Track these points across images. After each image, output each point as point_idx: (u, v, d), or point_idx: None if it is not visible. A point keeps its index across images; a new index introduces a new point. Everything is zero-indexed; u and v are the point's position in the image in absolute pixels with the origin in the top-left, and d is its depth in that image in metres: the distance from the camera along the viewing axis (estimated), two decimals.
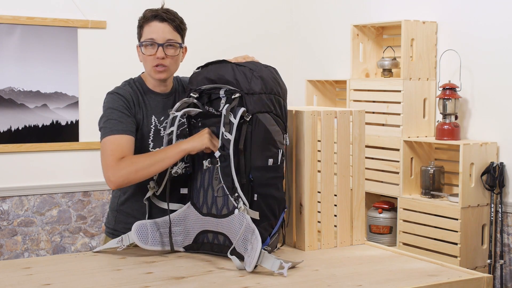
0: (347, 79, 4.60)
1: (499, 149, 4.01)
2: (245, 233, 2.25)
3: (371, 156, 4.35)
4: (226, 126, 2.26)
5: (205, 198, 2.38)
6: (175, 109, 2.38)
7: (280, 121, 2.37)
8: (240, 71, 2.33)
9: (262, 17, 5.43)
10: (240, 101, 2.29)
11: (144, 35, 2.53)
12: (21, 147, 4.61)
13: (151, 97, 2.57)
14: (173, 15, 2.55)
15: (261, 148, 2.31)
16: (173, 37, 2.53)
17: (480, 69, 4.09)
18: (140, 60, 2.59)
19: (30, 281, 2.11)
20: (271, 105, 2.33)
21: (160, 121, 2.55)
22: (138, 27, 2.57)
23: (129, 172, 2.37)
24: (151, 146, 2.53)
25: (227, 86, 2.33)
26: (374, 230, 4.39)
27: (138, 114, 2.52)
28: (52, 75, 4.67)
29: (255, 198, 2.30)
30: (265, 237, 2.30)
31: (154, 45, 2.51)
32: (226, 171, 2.28)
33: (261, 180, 2.31)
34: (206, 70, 2.42)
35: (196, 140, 2.35)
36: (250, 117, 2.28)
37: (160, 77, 2.54)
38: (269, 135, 2.32)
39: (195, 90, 2.40)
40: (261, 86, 2.31)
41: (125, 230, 2.54)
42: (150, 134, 2.53)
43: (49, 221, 4.74)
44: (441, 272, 2.25)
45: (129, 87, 2.56)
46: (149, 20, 2.53)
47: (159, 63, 2.51)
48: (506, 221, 3.95)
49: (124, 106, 2.49)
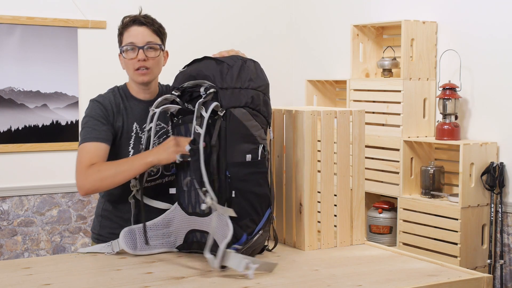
0: (347, 79, 4.60)
1: (499, 149, 4.01)
2: (224, 231, 2.23)
3: (371, 156, 4.35)
4: (198, 120, 2.23)
5: (189, 197, 2.37)
6: (155, 105, 2.37)
7: (260, 115, 2.33)
8: (217, 66, 2.32)
9: (262, 16, 5.43)
10: (215, 96, 2.27)
11: (124, 40, 2.54)
12: (21, 147, 4.61)
13: (134, 103, 2.57)
14: (151, 20, 2.57)
15: (237, 144, 2.27)
16: (153, 39, 2.53)
17: (480, 69, 4.09)
18: (123, 68, 2.60)
19: (30, 281, 2.11)
20: (247, 100, 2.29)
21: (142, 128, 2.54)
22: (118, 35, 2.57)
23: (95, 179, 2.38)
24: (131, 153, 2.52)
25: (205, 81, 2.31)
26: (374, 230, 4.39)
27: (118, 122, 2.52)
28: (52, 75, 4.67)
29: (233, 195, 2.26)
30: (240, 235, 2.25)
31: (135, 49, 2.51)
32: (196, 165, 2.24)
33: (238, 176, 2.26)
34: (190, 68, 2.41)
35: (162, 154, 2.34)
36: (224, 112, 2.25)
37: (143, 80, 2.54)
38: (246, 130, 2.28)
39: (177, 88, 2.39)
40: (235, 81, 2.29)
41: (110, 235, 2.56)
42: (130, 142, 2.53)
43: (49, 221, 4.74)
44: (441, 272, 2.25)
45: (112, 95, 2.57)
46: (128, 26, 2.54)
47: (140, 65, 2.51)
48: (506, 221, 3.95)
49: (100, 114, 2.50)
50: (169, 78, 2.64)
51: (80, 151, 2.46)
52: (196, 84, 2.34)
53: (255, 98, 2.32)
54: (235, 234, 2.22)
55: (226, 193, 2.26)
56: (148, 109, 2.53)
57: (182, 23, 5.11)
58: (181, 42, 5.07)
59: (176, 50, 5.02)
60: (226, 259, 2.15)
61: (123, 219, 2.55)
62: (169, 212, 2.43)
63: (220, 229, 2.25)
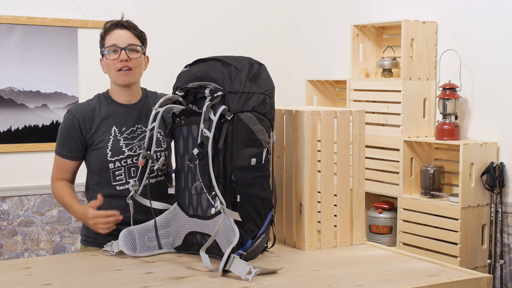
0: (347, 79, 4.60)
1: (499, 149, 4.01)
2: (228, 235, 2.23)
3: (371, 156, 4.35)
4: (206, 123, 2.22)
5: (190, 199, 2.37)
6: (158, 105, 2.37)
7: (265, 119, 2.34)
8: (225, 69, 2.30)
9: (261, 17, 5.43)
10: (222, 99, 2.26)
11: (106, 43, 2.56)
12: (21, 147, 4.61)
13: (114, 108, 2.59)
14: (133, 24, 2.61)
15: (243, 148, 2.27)
16: (134, 42, 2.56)
17: (480, 69, 4.09)
18: (104, 72, 2.62)
19: (30, 281, 2.11)
20: (254, 104, 2.30)
21: (121, 131, 2.56)
22: (100, 40, 2.60)
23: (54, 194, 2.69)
24: (109, 155, 2.54)
25: (212, 83, 2.29)
26: (374, 230, 4.39)
27: (92, 128, 2.56)
28: (52, 75, 4.67)
29: (238, 199, 2.26)
30: (246, 240, 2.26)
31: (117, 50, 2.54)
32: (204, 169, 2.24)
33: (244, 181, 2.27)
34: (194, 68, 2.40)
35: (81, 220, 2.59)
36: (231, 116, 2.25)
37: (125, 81, 2.55)
38: (252, 134, 2.28)
39: (181, 88, 2.38)
40: (244, 85, 2.28)
41: (96, 235, 2.58)
42: (108, 144, 2.55)
43: (49, 221, 4.74)
44: (441, 272, 2.25)
45: (90, 101, 2.63)
46: (110, 29, 2.57)
47: (123, 65, 2.53)
48: (506, 221, 3.95)
49: (71, 127, 2.58)
50: (169, 79, 2.64)
51: (54, 160, 2.68)
52: (200, 85, 2.33)
53: (262, 102, 2.32)
54: (241, 239, 2.22)
55: (231, 197, 2.26)
56: (128, 112, 2.56)
57: (182, 23, 5.11)
58: (182, 43, 5.08)
59: (177, 51, 5.05)
60: (230, 264, 2.15)
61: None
62: (167, 213, 2.43)
63: (224, 233, 2.25)
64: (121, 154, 2.54)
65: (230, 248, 2.16)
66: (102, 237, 2.54)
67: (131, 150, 2.54)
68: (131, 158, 2.54)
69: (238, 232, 2.20)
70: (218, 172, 2.23)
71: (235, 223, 2.22)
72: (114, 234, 2.47)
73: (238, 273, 2.12)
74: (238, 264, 2.14)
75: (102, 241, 2.52)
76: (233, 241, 2.18)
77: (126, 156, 2.54)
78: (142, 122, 2.57)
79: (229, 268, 2.15)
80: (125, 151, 2.54)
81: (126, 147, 2.55)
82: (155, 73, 3.98)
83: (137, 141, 2.56)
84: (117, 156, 2.53)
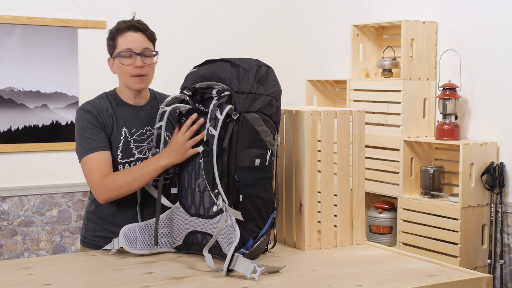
0: (347, 79, 4.61)
1: (499, 149, 4.01)
2: (230, 235, 2.23)
3: (371, 156, 4.35)
4: (212, 121, 2.25)
5: (193, 198, 2.37)
6: (165, 104, 2.38)
7: (271, 121, 2.35)
8: (234, 70, 2.32)
9: (261, 17, 5.43)
10: (229, 99, 2.28)
11: (119, 46, 2.51)
12: (21, 147, 4.61)
13: (124, 109, 2.56)
14: (145, 26, 2.57)
15: (248, 148, 2.28)
16: (149, 46, 2.54)
17: (480, 69, 4.09)
18: (113, 73, 2.58)
19: (30, 281, 2.11)
20: (261, 105, 2.31)
21: (131, 133, 2.54)
22: (110, 39, 2.55)
23: (113, 189, 2.42)
24: (119, 157, 2.51)
25: (219, 84, 2.31)
26: (374, 230, 4.39)
27: (108, 127, 2.51)
28: (52, 75, 4.67)
29: (241, 199, 2.27)
30: (247, 239, 2.26)
31: (132, 55, 2.49)
32: (208, 166, 2.27)
33: (247, 181, 2.28)
34: (203, 68, 2.42)
35: (174, 156, 2.37)
36: (237, 116, 2.26)
37: (140, 87, 2.53)
38: (257, 135, 2.29)
39: (189, 88, 2.39)
40: (251, 86, 2.29)
41: (94, 238, 2.57)
42: (119, 145, 2.52)
43: (49, 221, 4.74)
44: (441, 272, 2.25)
45: (99, 101, 2.56)
46: (123, 31, 2.51)
47: (138, 73, 2.50)
48: (506, 221, 3.95)
49: (91, 121, 2.49)
50: (169, 79, 2.64)
51: (86, 163, 2.46)
52: (208, 85, 2.34)
53: (268, 104, 2.33)
54: (242, 238, 2.23)
55: (234, 196, 2.27)
56: (137, 113, 2.55)
57: (182, 23, 5.11)
58: (182, 43, 5.08)
59: (177, 51, 5.05)
60: (234, 264, 2.15)
61: (106, 221, 2.56)
62: (169, 212, 2.43)
63: (225, 232, 2.25)
64: (131, 156, 2.52)
65: (233, 246, 2.17)
66: (101, 240, 2.54)
67: (141, 153, 2.53)
68: (141, 160, 2.53)
69: (239, 231, 2.21)
70: (222, 170, 2.24)
71: (237, 222, 2.23)
72: (111, 237, 2.47)
73: (242, 272, 2.13)
74: (242, 263, 2.14)
75: (100, 243, 2.52)
76: (235, 240, 2.18)
77: (136, 158, 2.52)
78: (151, 124, 2.56)
79: (233, 267, 2.15)
80: (135, 153, 2.53)
81: (136, 150, 2.53)
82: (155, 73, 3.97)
83: (147, 144, 2.55)
84: (127, 159, 2.52)
